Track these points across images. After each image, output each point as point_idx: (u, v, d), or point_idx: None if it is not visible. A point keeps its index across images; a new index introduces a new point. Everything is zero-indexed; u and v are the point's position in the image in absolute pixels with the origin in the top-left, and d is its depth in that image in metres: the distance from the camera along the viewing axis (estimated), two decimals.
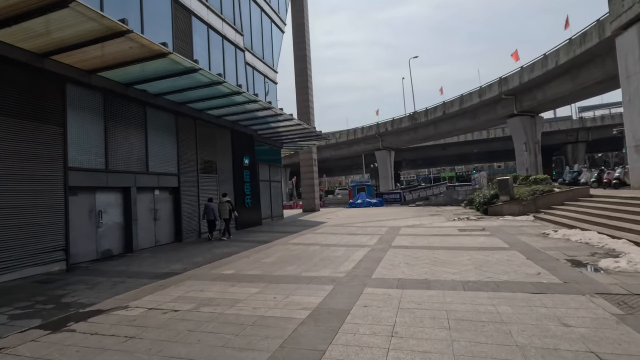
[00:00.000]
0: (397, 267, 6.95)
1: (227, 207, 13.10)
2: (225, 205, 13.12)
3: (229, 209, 13.12)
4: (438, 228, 13.21)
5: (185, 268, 7.90)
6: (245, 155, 17.46)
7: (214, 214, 12.98)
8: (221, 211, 13.07)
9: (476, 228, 12.51)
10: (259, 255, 9.13)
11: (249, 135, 18.04)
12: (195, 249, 10.84)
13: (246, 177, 17.38)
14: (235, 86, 11.50)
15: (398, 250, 8.86)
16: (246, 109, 14.09)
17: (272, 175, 22.27)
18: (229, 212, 13.08)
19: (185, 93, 11.62)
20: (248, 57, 19.45)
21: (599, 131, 47.75)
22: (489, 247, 8.66)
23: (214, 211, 13.00)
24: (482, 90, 30.96)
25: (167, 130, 12.55)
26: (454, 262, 7.07)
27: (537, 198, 15.55)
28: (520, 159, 30.07)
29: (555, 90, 25.59)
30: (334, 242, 10.80)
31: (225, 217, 13.04)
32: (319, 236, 12.55)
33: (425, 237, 10.98)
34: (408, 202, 33.47)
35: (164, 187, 12.24)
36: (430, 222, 15.43)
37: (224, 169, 15.84)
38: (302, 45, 30.22)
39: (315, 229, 15.02)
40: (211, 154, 14.97)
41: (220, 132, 15.70)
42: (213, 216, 12.95)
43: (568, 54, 22.47)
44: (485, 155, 62.20)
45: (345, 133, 46.85)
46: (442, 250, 8.46)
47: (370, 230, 13.66)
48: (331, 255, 8.56)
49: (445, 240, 10.04)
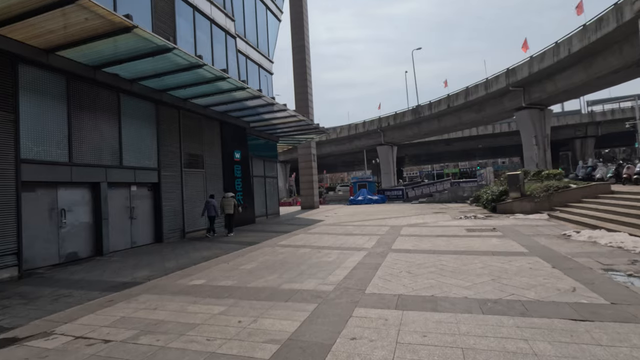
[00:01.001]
0: (397, 277, 5.79)
1: (231, 202, 12.99)
2: (229, 200, 13.01)
3: (234, 203, 13.03)
4: (443, 227, 12.04)
5: (151, 276, 6.80)
6: (236, 149, 16.32)
7: (215, 210, 12.68)
8: (225, 206, 12.97)
9: (485, 227, 11.33)
10: (240, 260, 8.01)
11: (240, 127, 16.89)
12: (173, 251, 9.73)
13: (237, 172, 16.25)
14: (218, 70, 10.33)
15: (398, 254, 7.70)
16: (234, 97, 12.92)
17: (267, 170, 21.12)
18: (233, 207, 12.95)
19: (163, 78, 10.46)
20: (240, 44, 18.25)
21: (608, 125, 46.18)
22: (503, 251, 7.49)
23: (215, 207, 12.70)
24: (489, 82, 29.57)
25: (145, 120, 11.41)
26: (464, 271, 5.92)
27: (551, 194, 14.31)
28: (528, 153, 28.71)
29: (567, 81, 24.21)
30: (327, 244, 9.66)
31: (229, 211, 12.92)
32: (311, 236, 11.42)
33: (429, 238, 9.82)
34: (410, 198, 32.28)
35: (141, 182, 11.13)
36: (434, 221, 14.26)
37: (212, 163, 14.71)
38: (300, 36, 28.94)
39: (310, 228, 13.88)
40: (197, 147, 13.83)
41: (207, 123, 14.55)
42: (214, 212, 12.65)
43: (582, 41, 21.08)
44: (489, 150, 60.74)
45: (346, 127, 45.55)
46: (450, 255, 7.30)
47: (368, 229, 12.52)
48: (321, 261, 7.43)
49: (451, 242, 8.88)
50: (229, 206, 12.96)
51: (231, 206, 12.96)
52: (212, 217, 12.73)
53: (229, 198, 13.11)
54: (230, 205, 12.97)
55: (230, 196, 13.19)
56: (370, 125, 42.50)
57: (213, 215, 12.68)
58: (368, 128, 42.75)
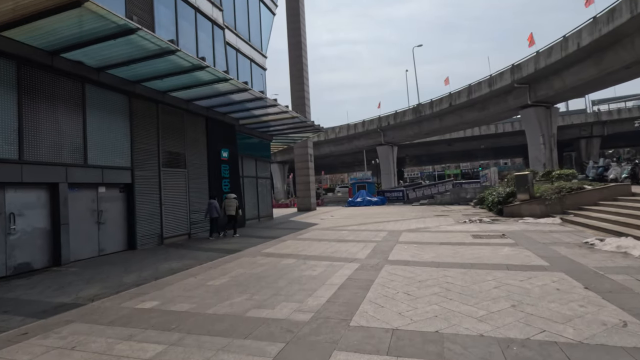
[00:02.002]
0: (392, 300, 4.67)
1: (233, 204, 12.76)
2: (232, 202, 12.78)
3: (236, 205, 12.79)
4: (446, 233, 10.91)
5: (98, 294, 5.68)
6: (223, 147, 15.21)
7: (217, 210, 12.45)
8: (227, 207, 12.74)
9: (494, 233, 10.19)
10: (211, 273, 6.88)
11: (228, 124, 15.79)
12: (142, 261, 8.61)
13: (224, 172, 15.14)
14: (195, 58, 9.23)
15: (396, 267, 6.57)
16: (217, 90, 11.82)
17: (260, 170, 20.02)
18: (235, 208, 12.72)
19: (133, 66, 9.37)
20: (230, 37, 17.17)
21: (614, 125, 44.95)
22: (520, 264, 6.35)
23: (217, 208, 12.47)
24: (492, 79, 28.43)
25: (117, 113, 10.32)
26: (476, 293, 4.78)
27: (564, 196, 13.16)
28: (534, 153, 27.54)
29: (575, 77, 23.05)
30: (315, 253, 8.53)
31: (231, 213, 12.69)
32: (300, 243, 10.29)
33: (432, 246, 8.68)
34: (411, 200, 31.11)
35: (111, 183, 10.02)
36: (437, 225, 13.12)
37: (196, 163, 13.60)
38: (297, 32, 27.88)
39: (301, 233, 12.76)
40: (178, 145, 12.73)
41: (190, 119, 13.45)
42: (216, 213, 12.42)
43: (592, 34, 19.94)
44: (491, 151, 59.54)
45: (345, 127, 44.41)
46: (456, 269, 6.16)
47: (364, 235, 11.39)
48: (304, 275, 6.30)
49: (457, 252, 7.74)
50: (231, 207, 12.70)
51: (233, 207, 12.71)
52: (214, 219, 12.48)
53: (231, 199, 12.86)
54: (233, 207, 12.71)
55: (232, 197, 12.96)
56: (370, 124, 41.38)
57: (215, 216, 12.42)
58: (368, 128, 41.63)
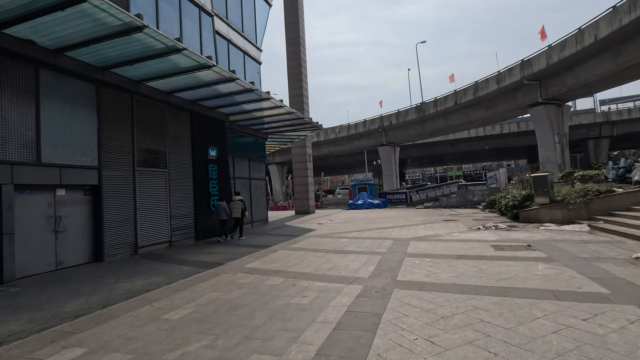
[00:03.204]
0: (410, 355, 3.25)
1: (239, 206, 12.55)
2: (237, 204, 12.55)
3: (242, 207, 12.61)
4: (461, 242, 9.49)
5: (12, 334, 4.27)
6: (211, 145, 13.82)
7: (227, 212, 12.13)
8: (232, 209, 12.40)
9: (517, 243, 8.77)
10: (174, 299, 5.47)
11: (217, 120, 14.40)
12: (101, 278, 7.21)
13: (212, 173, 13.74)
14: (169, 38, 7.84)
15: (408, 293, 5.16)
16: (200, 79, 10.44)
17: (254, 171, 18.63)
18: (241, 211, 12.53)
19: (96, 48, 7.99)
20: (221, 26, 15.81)
21: (624, 125, 43.50)
22: (568, 289, 4.93)
23: (226, 210, 12.15)
24: (501, 76, 27.01)
25: (80, 104, 8.92)
26: (529, 343, 3.36)
27: (591, 200, 11.73)
28: (545, 153, 26.09)
29: (590, 72, 21.63)
30: (308, 269, 7.12)
31: (237, 215, 12.43)
32: (292, 255, 8.87)
33: (448, 260, 7.26)
34: (415, 203, 29.70)
35: (72, 184, 8.62)
36: (448, 232, 11.71)
37: (178, 162, 12.20)
38: (295, 26, 26.58)
39: (295, 241, 11.35)
40: (157, 142, 11.33)
41: (173, 113, 12.07)
42: (225, 215, 12.08)
43: (611, 25, 18.54)
44: (495, 152, 58.08)
45: (345, 127, 42.98)
46: (488, 298, 4.74)
47: (367, 244, 9.97)
48: (291, 304, 4.89)
49: (481, 269, 6.32)
50: (237, 210, 12.46)
51: (238, 210, 12.49)
52: (223, 221, 12.13)
53: (236, 201, 12.60)
54: (238, 209, 12.48)
55: (238, 199, 12.72)
56: (372, 124, 39.97)
57: (225, 218, 12.10)
58: (369, 127, 40.22)
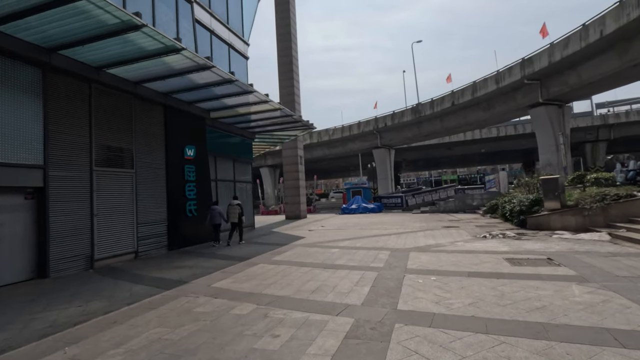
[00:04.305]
0: None
1: (236, 210, 12.28)
2: (235, 208, 12.30)
3: (239, 212, 12.30)
4: (468, 254, 8.22)
5: None
6: (188, 144, 12.45)
7: (222, 216, 11.96)
8: (230, 214, 12.25)
9: (534, 256, 7.52)
10: (101, 340, 4.09)
11: (196, 116, 13.04)
12: (31, 302, 5.79)
13: (189, 175, 12.35)
14: (126, 12, 6.50)
15: (415, 332, 3.83)
16: (170, 66, 9.10)
17: (239, 173, 17.25)
18: (238, 215, 12.23)
19: (31, 23, 6.62)
20: (202, 15, 14.50)
21: (622, 128, 42.82)
22: (630, 328, 3.65)
23: (221, 214, 11.99)
24: (500, 75, 26.01)
25: (20, 91, 7.52)
26: None
27: (609, 205, 10.56)
28: (546, 156, 25.07)
29: (594, 71, 20.65)
30: (287, 291, 5.77)
31: (233, 220, 12.20)
32: (273, 270, 7.52)
33: (458, 278, 5.97)
34: (411, 207, 28.48)
35: (9, 186, 7.21)
36: (451, 241, 10.45)
37: (148, 162, 10.81)
38: (286, 22, 25.39)
39: (279, 252, 9.99)
40: (122, 138, 9.94)
41: (141, 107, 10.69)
42: (219, 220, 11.86)
43: (618, 20, 17.57)
44: (490, 156, 57.20)
45: (339, 129, 41.75)
46: (526, 344, 3.43)
47: (360, 256, 8.65)
48: (256, 350, 3.54)
49: (503, 293, 5.04)
50: (234, 214, 12.19)
51: (236, 215, 12.21)
52: (216, 225, 11.89)
53: (234, 206, 12.33)
54: (236, 214, 12.21)
55: (236, 204, 12.41)
56: (366, 125, 38.80)
57: (219, 223, 11.88)
58: (363, 129, 39.05)
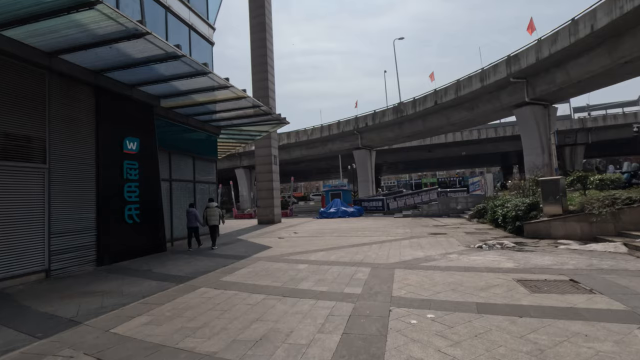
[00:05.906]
0: None
1: (216, 213, 11.83)
2: (215, 210, 11.85)
3: (219, 214, 11.98)
4: (468, 272, 6.52)
5: None
6: (130, 136, 10.30)
7: (197, 219, 11.64)
8: (209, 217, 11.72)
9: (551, 276, 5.89)
10: None
11: (141, 102, 10.89)
12: None
13: (130, 173, 10.18)
14: None
15: None
16: (89, 30, 7.00)
17: (200, 172, 15.12)
18: (218, 217, 11.87)
19: None
20: None
21: (599, 132, 43.14)
22: None
23: (197, 217, 11.66)
24: (485, 73, 24.93)
25: None
26: None
27: (620, 211, 9.17)
28: (531, 158, 24.07)
29: (583, 68, 19.75)
30: (217, 344, 3.82)
31: (214, 223, 11.74)
32: (213, 300, 5.55)
33: (466, 316, 4.20)
34: (392, 210, 27.01)
35: None
36: (442, 252, 8.77)
37: (70, 155, 8.60)
38: (261, 11, 23.47)
39: (233, 269, 8.01)
40: (29, 123, 7.72)
41: (59, 86, 8.48)
42: (195, 223, 11.57)
43: (610, 14, 16.61)
44: (469, 159, 57.01)
45: (318, 129, 39.96)
46: None
47: (333, 275, 6.79)
48: None
49: (541, 350, 3.29)
50: (214, 217, 11.74)
51: (216, 217, 11.81)
52: (193, 229, 11.59)
53: (213, 208, 11.94)
54: (215, 216, 11.80)
55: (214, 206, 12.09)
56: (346, 125, 37.21)
57: (195, 226, 11.59)
58: (343, 129, 37.44)
